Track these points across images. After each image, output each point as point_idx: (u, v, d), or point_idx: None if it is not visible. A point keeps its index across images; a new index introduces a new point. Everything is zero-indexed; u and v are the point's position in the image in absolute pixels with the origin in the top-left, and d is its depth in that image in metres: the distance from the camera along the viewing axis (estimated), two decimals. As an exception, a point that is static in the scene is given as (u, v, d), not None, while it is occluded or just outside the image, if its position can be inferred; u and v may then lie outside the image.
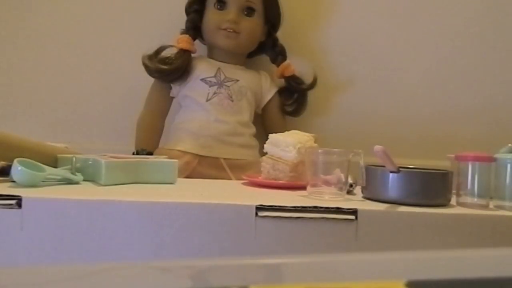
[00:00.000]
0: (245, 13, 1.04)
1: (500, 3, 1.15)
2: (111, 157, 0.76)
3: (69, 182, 0.71)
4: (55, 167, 0.74)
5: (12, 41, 1.16)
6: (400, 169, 0.66)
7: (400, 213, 0.62)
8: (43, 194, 0.60)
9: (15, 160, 0.65)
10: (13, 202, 0.57)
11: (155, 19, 1.14)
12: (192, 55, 1.07)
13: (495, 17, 1.15)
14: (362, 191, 0.72)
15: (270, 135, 0.85)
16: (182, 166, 0.92)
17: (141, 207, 0.59)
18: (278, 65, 1.10)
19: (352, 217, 0.60)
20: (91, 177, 0.74)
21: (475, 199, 0.68)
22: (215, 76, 1.04)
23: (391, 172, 0.66)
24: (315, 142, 0.84)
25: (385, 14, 1.16)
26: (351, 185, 0.75)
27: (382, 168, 0.67)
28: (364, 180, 0.71)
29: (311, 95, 1.12)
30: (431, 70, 1.16)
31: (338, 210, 0.61)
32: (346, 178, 0.70)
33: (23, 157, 0.67)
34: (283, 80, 1.11)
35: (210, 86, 1.02)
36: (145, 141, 1.05)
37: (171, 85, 1.06)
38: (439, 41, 1.15)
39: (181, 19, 1.08)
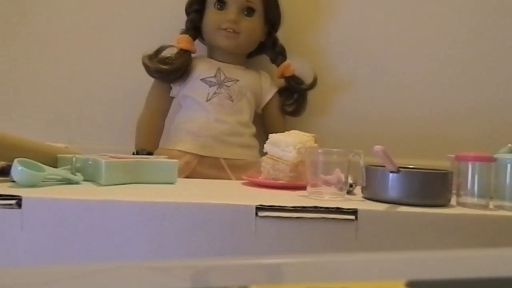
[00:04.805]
0: (245, 13, 1.04)
1: (500, 3, 1.15)
2: (111, 157, 0.76)
3: (69, 182, 0.71)
4: (55, 167, 0.73)
5: (12, 41, 1.16)
6: (400, 169, 0.66)
7: (400, 213, 0.62)
8: (43, 194, 0.60)
9: (15, 160, 0.65)
10: (13, 202, 0.57)
11: (155, 19, 1.14)
12: (192, 55, 1.07)
13: (494, 17, 1.15)
14: (362, 191, 0.72)
15: (270, 135, 0.85)
16: (182, 166, 0.92)
17: (141, 207, 0.59)
18: (278, 65, 1.10)
19: (352, 217, 0.60)
20: (91, 177, 0.74)
21: (475, 199, 0.68)
22: (215, 76, 1.04)
23: (391, 172, 0.66)
24: (315, 142, 0.84)
25: (385, 14, 1.16)
26: (351, 185, 0.75)
27: (382, 168, 0.67)
28: (364, 180, 0.71)
29: (311, 95, 1.12)
30: (431, 70, 1.16)
31: (338, 210, 0.61)
32: (346, 178, 0.70)
33: (23, 157, 0.67)
34: (283, 80, 1.11)
35: (210, 86, 1.02)
36: (145, 141, 1.05)
37: (171, 85, 1.06)
38: (439, 41, 1.15)
39: (181, 19, 1.08)
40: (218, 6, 1.04)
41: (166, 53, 1.05)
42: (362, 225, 0.60)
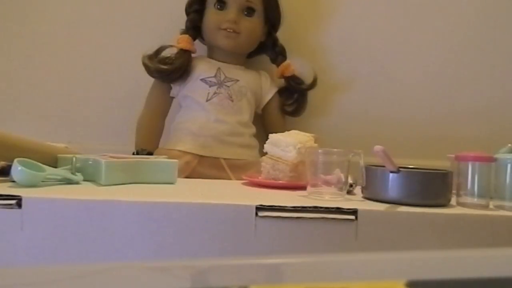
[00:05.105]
0: (245, 13, 1.04)
1: (499, 4, 1.15)
2: (111, 157, 0.76)
3: (69, 182, 0.71)
4: (55, 167, 0.74)
5: (12, 41, 1.15)
6: (400, 169, 0.66)
7: (400, 213, 0.62)
8: (43, 194, 0.60)
9: (15, 160, 0.65)
10: (13, 202, 0.57)
11: (155, 19, 1.14)
12: (192, 55, 1.07)
13: (494, 18, 1.15)
14: (362, 191, 0.72)
15: (270, 135, 0.85)
16: (182, 166, 0.92)
17: (141, 207, 0.59)
18: (278, 65, 1.10)
19: (352, 217, 0.60)
20: (91, 177, 0.74)
21: (475, 199, 0.68)
22: (215, 76, 1.04)
23: (391, 172, 0.66)
24: (315, 142, 0.84)
25: (385, 14, 1.16)
26: (351, 185, 0.75)
27: (382, 168, 0.67)
28: (364, 180, 0.71)
29: (311, 95, 1.12)
30: (431, 70, 1.16)
31: (338, 210, 0.61)
32: (346, 178, 0.70)
33: (23, 157, 0.67)
34: (283, 80, 1.11)
35: (210, 86, 1.02)
36: (145, 141, 1.05)
37: (171, 85, 1.06)
38: (439, 41, 1.15)
39: (181, 19, 1.08)
40: (218, 6, 1.04)
41: (166, 53, 1.04)
42: (362, 225, 0.60)
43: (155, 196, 0.62)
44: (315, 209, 0.60)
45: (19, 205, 0.57)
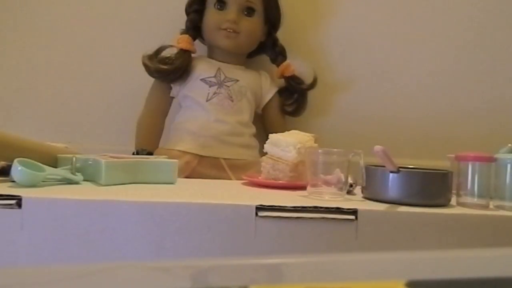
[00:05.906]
0: (245, 13, 1.04)
1: (500, 4, 1.15)
2: (111, 157, 0.76)
3: (69, 182, 0.71)
4: (55, 167, 0.73)
5: (12, 41, 1.16)
6: (400, 169, 0.66)
7: (400, 213, 0.62)
8: (43, 194, 0.60)
9: (15, 160, 0.65)
10: (13, 202, 0.57)
11: (155, 19, 1.14)
12: (192, 55, 1.07)
13: (494, 18, 1.15)
14: (362, 191, 0.72)
15: (270, 135, 0.85)
16: (182, 166, 0.92)
17: (141, 207, 0.59)
18: (278, 65, 1.10)
19: (352, 217, 0.60)
20: (91, 177, 0.74)
21: (475, 199, 0.68)
22: (215, 76, 1.04)
23: (391, 172, 0.66)
24: (315, 142, 0.84)
25: (385, 14, 1.16)
26: (351, 185, 0.75)
27: (382, 168, 0.67)
28: (364, 180, 0.71)
29: (311, 95, 1.12)
30: (431, 70, 1.16)
31: (338, 210, 0.61)
32: (346, 178, 0.70)
33: (23, 157, 0.67)
34: (283, 80, 1.11)
35: (210, 86, 1.02)
36: (145, 141, 1.06)
37: (171, 85, 1.06)
38: (438, 41, 1.15)
39: (181, 19, 1.08)
40: (218, 6, 1.04)
41: (166, 53, 1.05)
42: (362, 225, 0.60)
43: (155, 196, 0.62)
44: (315, 209, 0.60)
45: (19, 205, 0.57)
